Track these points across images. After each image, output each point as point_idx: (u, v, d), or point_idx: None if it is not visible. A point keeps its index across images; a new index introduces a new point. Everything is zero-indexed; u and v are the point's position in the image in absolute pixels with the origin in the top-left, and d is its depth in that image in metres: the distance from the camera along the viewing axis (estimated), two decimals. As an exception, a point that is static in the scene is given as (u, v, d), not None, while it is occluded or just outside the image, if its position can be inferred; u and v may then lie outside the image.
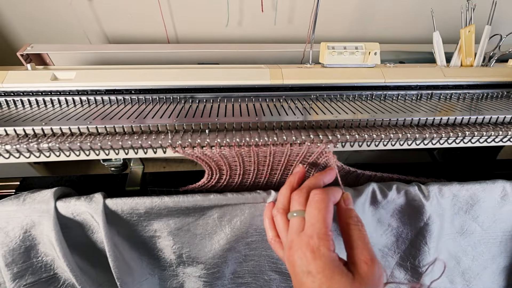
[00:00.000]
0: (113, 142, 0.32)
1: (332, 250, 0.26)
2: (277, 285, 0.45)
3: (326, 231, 0.26)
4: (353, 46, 0.48)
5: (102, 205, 0.35)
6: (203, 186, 0.38)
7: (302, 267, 0.26)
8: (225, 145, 0.33)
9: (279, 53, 0.61)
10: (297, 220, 0.29)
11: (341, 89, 0.47)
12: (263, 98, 0.45)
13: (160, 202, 0.35)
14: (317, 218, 0.27)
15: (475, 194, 0.41)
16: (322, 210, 0.27)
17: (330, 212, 0.28)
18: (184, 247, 0.40)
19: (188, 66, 0.51)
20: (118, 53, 0.58)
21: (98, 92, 0.43)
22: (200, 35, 0.76)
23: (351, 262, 0.27)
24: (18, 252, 0.35)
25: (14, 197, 0.35)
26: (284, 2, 0.71)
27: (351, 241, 0.27)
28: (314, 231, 0.26)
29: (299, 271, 0.26)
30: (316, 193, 0.29)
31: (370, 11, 0.74)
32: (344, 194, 0.31)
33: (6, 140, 0.32)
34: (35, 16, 0.70)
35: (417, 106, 0.42)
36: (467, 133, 0.36)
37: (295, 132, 0.35)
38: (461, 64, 0.52)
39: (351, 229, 0.28)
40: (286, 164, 0.36)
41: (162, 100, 0.43)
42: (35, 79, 0.42)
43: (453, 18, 0.53)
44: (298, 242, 0.27)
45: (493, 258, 0.47)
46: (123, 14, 0.71)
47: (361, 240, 0.27)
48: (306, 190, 0.31)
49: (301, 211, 0.29)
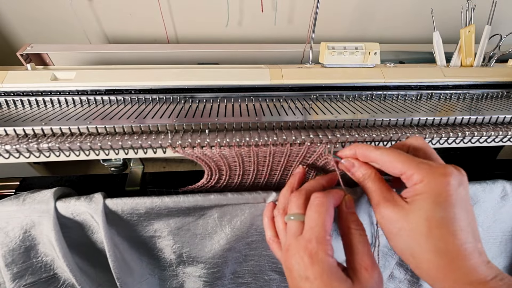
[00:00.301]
0: (113, 142, 0.32)
1: (330, 255, 0.25)
2: (277, 285, 0.45)
3: (325, 236, 0.26)
4: (353, 46, 0.48)
5: (102, 205, 0.35)
6: (202, 186, 0.38)
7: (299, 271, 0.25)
8: (225, 145, 0.33)
9: (279, 53, 0.61)
10: (294, 223, 0.28)
11: (341, 89, 0.47)
12: (263, 98, 0.45)
13: (160, 202, 0.35)
14: (316, 222, 0.26)
15: (475, 194, 0.41)
16: (322, 214, 0.27)
17: (330, 216, 0.27)
18: (184, 247, 0.40)
19: (188, 66, 0.51)
20: (118, 53, 0.58)
21: (98, 92, 0.43)
22: (200, 35, 0.76)
23: (351, 267, 0.26)
24: (18, 252, 0.35)
25: (14, 197, 0.35)
26: (284, 2, 0.71)
27: (351, 246, 0.27)
28: (313, 235, 0.26)
29: (296, 275, 0.25)
30: (317, 196, 0.28)
31: (370, 11, 0.74)
32: (346, 197, 0.30)
33: (6, 140, 0.32)
34: (35, 16, 0.70)
35: (417, 106, 0.42)
36: (467, 133, 0.36)
37: (295, 132, 0.35)
38: (461, 64, 0.52)
39: (352, 233, 0.27)
40: (286, 165, 0.36)
41: (162, 100, 0.43)
42: (35, 79, 0.42)
43: (453, 18, 0.53)
44: (296, 245, 0.26)
45: (493, 258, 0.47)
46: (123, 14, 0.71)
47: (362, 245, 0.26)
48: (304, 192, 0.30)
49: (298, 214, 0.29)
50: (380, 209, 0.26)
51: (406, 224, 0.25)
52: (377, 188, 0.28)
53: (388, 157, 0.27)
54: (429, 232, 0.23)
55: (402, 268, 0.45)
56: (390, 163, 0.26)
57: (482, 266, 0.23)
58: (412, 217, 0.24)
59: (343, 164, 0.31)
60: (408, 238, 0.25)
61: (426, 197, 0.24)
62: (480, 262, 0.23)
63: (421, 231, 0.24)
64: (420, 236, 0.24)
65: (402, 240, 0.25)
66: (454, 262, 0.23)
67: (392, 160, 0.26)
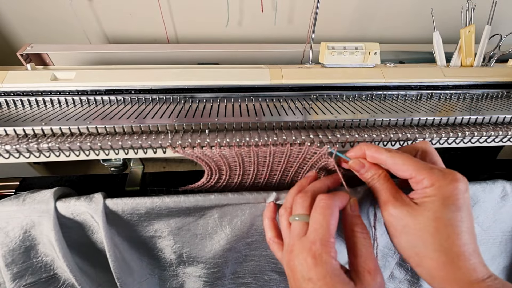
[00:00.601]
0: (113, 142, 0.32)
1: (334, 257, 0.25)
2: (277, 285, 0.45)
3: (329, 238, 0.26)
4: (353, 46, 0.48)
5: (102, 205, 0.35)
6: (202, 186, 0.38)
7: (302, 272, 0.25)
8: (225, 145, 0.33)
9: (279, 53, 0.61)
10: (299, 224, 0.28)
11: (341, 89, 0.47)
12: (263, 98, 0.45)
13: (160, 203, 0.35)
14: (321, 224, 0.26)
15: (475, 194, 0.41)
16: (327, 216, 0.27)
17: (335, 219, 0.27)
18: (184, 247, 0.40)
19: (188, 66, 0.51)
20: (118, 53, 0.58)
21: (98, 92, 0.43)
22: (200, 35, 0.76)
23: (354, 270, 0.26)
24: (18, 252, 0.35)
25: (14, 197, 0.35)
26: (284, 2, 0.71)
27: (355, 249, 0.27)
28: (317, 236, 0.26)
29: (299, 276, 0.25)
30: (322, 198, 0.28)
31: (370, 11, 0.74)
32: (351, 200, 0.30)
33: (6, 140, 0.32)
34: (35, 16, 0.70)
35: (417, 106, 0.42)
36: (467, 133, 0.36)
37: (295, 132, 0.35)
38: (461, 64, 0.52)
39: (357, 236, 0.27)
40: (286, 165, 0.36)
41: (162, 100, 0.43)
42: (35, 79, 0.42)
43: (453, 18, 0.53)
44: (300, 247, 0.27)
45: (492, 258, 0.47)
46: (123, 14, 0.71)
47: (366, 248, 0.27)
48: (310, 194, 0.30)
49: (303, 215, 0.29)
50: (389, 207, 0.27)
51: (414, 223, 0.26)
52: (386, 187, 0.28)
53: (399, 160, 0.28)
54: (436, 232, 0.25)
55: (402, 268, 0.45)
56: (400, 166, 0.28)
57: (480, 266, 0.24)
58: (420, 217, 0.26)
59: (351, 164, 0.31)
60: (414, 236, 0.26)
61: (436, 199, 0.25)
62: (478, 263, 0.24)
63: (428, 230, 0.25)
64: (427, 235, 0.25)
65: (408, 238, 0.26)
66: (456, 262, 0.24)
67: (402, 164, 0.27)
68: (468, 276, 0.24)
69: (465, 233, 0.25)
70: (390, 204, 0.27)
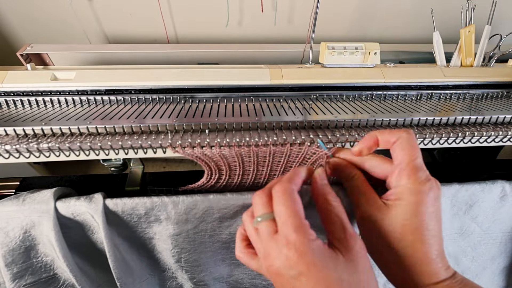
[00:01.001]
0: (113, 142, 0.32)
1: (314, 239, 0.24)
2: None
3: (301, 223, 0.24)
4: (353, 46, 0.48)
5: (102, 205, 0.35)
6: (202, 186, 0.38)
7: (290, 271, 0.23)
8: (225, 145, 0.33)
9: (279, 53, 0.61)
10: (265, 224, 0.26)
11: (341, 89, 0.47)
12: (263, 98, 0.45)
13: (160, 203, 0.35)
14: (287, 214, 0.24)
15: (474, 194, 0.41)
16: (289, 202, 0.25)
17: (298, 202, 0.25)
18: (183, 249, 0.40)
19: (188, 66, 0.51)
20: (118, 53, 0.58)
21: (98, 92, 0.43)
22: (200, 35, 0.76)
23: (336, 238, 0.25)
24: (18, 252, 0.35)
25: (14, 197, 0.35)
26: (284, 2, 0.71)
27: (332, 217, 0.26)
28: (289, 228, 0.24)
29: (288, 277, 0.23)
30: (275, 189, 0.26)
31: (370, 11, 0.74)
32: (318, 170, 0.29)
33: (6, 140, 0.32)
34: (35, 16, 0.70)
35: (417, 106, 0.42)
36: (467, 133, 0.36)
37: (295, 132, 0.35)
38: (461, 64, 0.52)
39: (331, 204, 0.26)
40: (286, 165, 0.36)
41: (162, 100, 0.43)
42: (35, 79, 0.42)
43: (453, 18, 0.53)
44: (276, 246, 0.24)
45: (492, 258, 0.47)
46: (123, 14, 0.71)
47: (341, 214, 0.26)
48: (267, 190, 0.28)
49: (265, 214, 0.26)
50: (362, 207, 0.28)
51: (383, 225, 0.26)
52: (361, 187, 0.29)
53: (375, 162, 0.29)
54: (402, 237, 0.25)
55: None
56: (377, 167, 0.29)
57: (442, 270, 0.25)
58: (388, 220, 0.26)
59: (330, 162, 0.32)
60: (381, 239, 0.26)
61: (406, 204, 0.26)
62: (441, 267, 0.25)
63: (394, 235, 0.26)
64: (393, 239, 0.26)
65: (376, 240, 0.27)
66: (418, 267, 0.25)
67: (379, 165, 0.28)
68: (428, 280, 0.25)
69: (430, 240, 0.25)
70: (363, 204, 0.28)
